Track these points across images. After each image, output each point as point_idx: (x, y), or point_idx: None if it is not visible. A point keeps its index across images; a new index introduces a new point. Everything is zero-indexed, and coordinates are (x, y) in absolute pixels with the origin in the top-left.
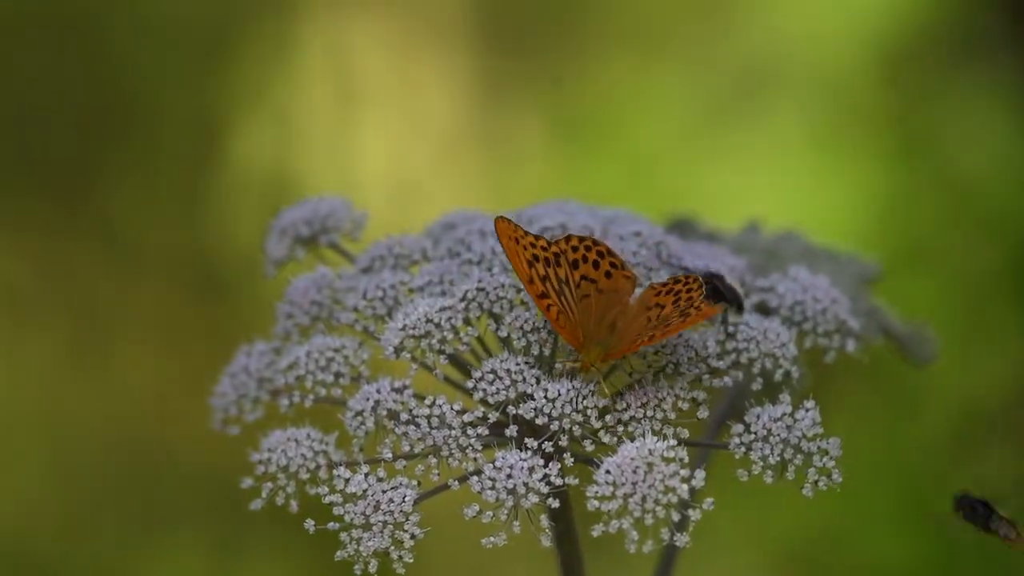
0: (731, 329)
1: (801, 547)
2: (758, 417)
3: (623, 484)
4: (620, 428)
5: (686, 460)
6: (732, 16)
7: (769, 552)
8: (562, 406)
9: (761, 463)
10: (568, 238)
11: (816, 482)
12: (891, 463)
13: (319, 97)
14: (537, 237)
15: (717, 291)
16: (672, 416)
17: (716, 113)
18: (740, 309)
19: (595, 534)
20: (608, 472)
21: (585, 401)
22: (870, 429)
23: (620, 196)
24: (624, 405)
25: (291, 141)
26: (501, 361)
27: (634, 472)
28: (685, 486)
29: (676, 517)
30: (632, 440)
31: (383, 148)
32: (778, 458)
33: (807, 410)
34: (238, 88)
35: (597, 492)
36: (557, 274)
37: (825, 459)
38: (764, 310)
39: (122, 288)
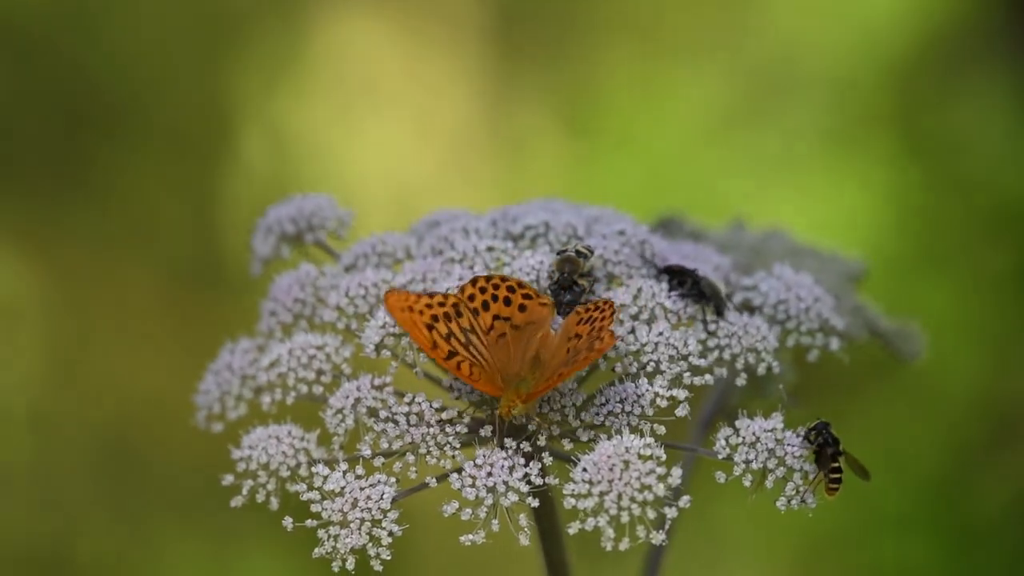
0: (711, 327)
1: (812, 547)
2: (748, 425)
3: (599, 482)
4: (599, 419)
5: (663, 458)
6: (745, 21)
7: (780, 552)
8: (539, 405)
9: (743, 466)
10: (474, 280)
11: (790, 500)
12: (904, 463)
13: (327, 95)
14: (431, 295)
15: (699, 291)
16: (650, 413)
17: (729, 116)
18: (719, 312)
19: (572, 532)
20: (585, 470)
21: (563, 399)
22: (884, 429)
23: (632, 197)
24: (603, 400)
25: (299, 139)
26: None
27: (610, 470)
28: (661, 485)
29: (652, 515)
30: (610, 437)
31: (393, 147)
32: (760, 465)
33: (797, 434)
34: (246, 85)
35: (574, 490)
36: (460, 325)
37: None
38: (748, 308)
39: (123, 284)
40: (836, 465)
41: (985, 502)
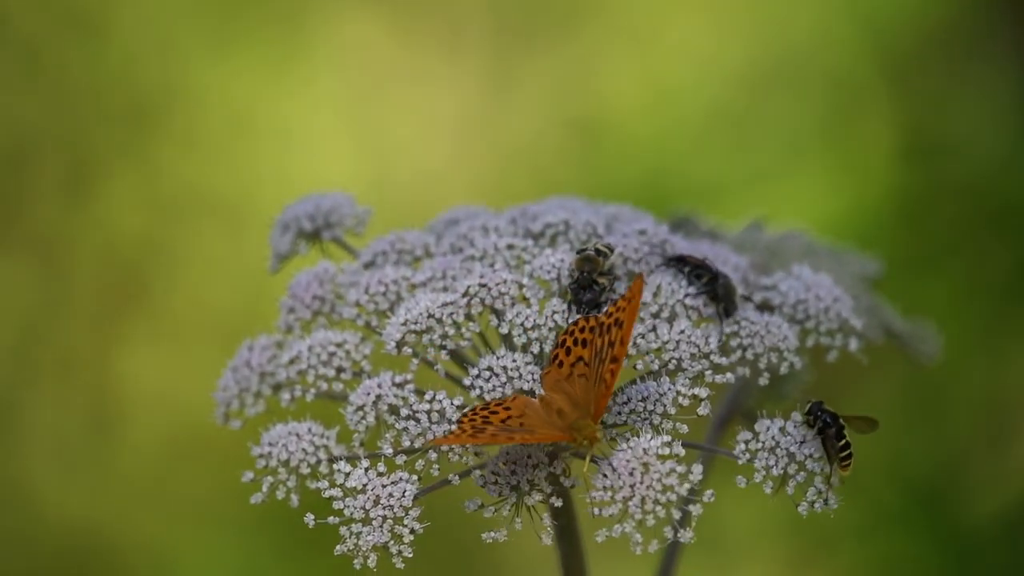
0: (723, 335)
1: (815, 545)
2: (768, 428)
3: (621, 488)
4: (622, 418)
5: (682, 454)
6: (744, 18)
7: (783, 551)
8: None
9: (764, 472)
10: (460, 422)
11: (813, 503)
12: (908, 462)
13: (330, 91)
14: (459, 422)
15: (714, 290)
16: (672, 412)
17: (727, 113)
18: (728, 314)
19: (599, 540)
20: (605, 476)
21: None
22: (884, 427)
23: (631, 194)
24: (625, 399)
25: (302, 134)
26: (498, 358)
27: (631, 474)
28: (685, 485)
29: (677, 515)
30: (634, 435)
31: (395, 143)
32: (781, 471)
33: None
34: (248, 84)
35: (596, 498)
36: (494, 431)
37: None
38: (768, 308)
39: (132, 284)
40: (844, 443)
41: (982, 502)
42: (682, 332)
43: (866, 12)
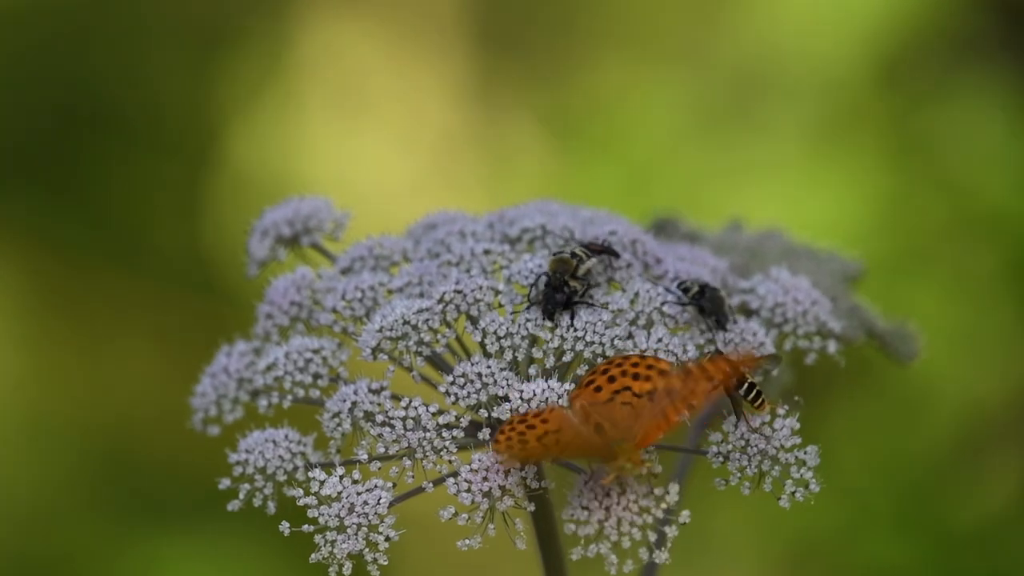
0: (713, 338)
1: (802, 549)
2: (736, 426)
3: (595, 510)
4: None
5: (659, 470)
6: (729, 19)
7: (769, 553)
8: (538, 407)
9: (739, 474)
10: (509, 429)
11: (793, 493)
12: (893, 465)
13: (315, 98)
14: (510, 426)
15: (700, 305)
16: None
17: (713, 116)
18: (721, 326)
19: (575, 558)
20: (580, 495)
21: (560, 401)
22: (872, 431)
23: (615, 199)
24: None
25: (287, 141)
26: (472, 364)
27: (607, 495)
28: (662, 506)
29: (653, 536)
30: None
31: (378, 150)
32: (756, 469)
33: (785, 419)
34: (235, 88)
35: (572, 516)
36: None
37: (803, 470)
38: (745, 312)
39: (118, 286)
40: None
41: (973, 503)
42: (660, 340)
43: (852, 15)
